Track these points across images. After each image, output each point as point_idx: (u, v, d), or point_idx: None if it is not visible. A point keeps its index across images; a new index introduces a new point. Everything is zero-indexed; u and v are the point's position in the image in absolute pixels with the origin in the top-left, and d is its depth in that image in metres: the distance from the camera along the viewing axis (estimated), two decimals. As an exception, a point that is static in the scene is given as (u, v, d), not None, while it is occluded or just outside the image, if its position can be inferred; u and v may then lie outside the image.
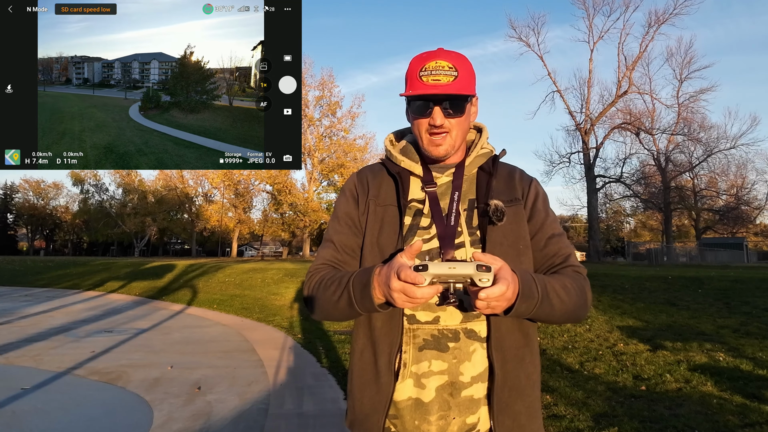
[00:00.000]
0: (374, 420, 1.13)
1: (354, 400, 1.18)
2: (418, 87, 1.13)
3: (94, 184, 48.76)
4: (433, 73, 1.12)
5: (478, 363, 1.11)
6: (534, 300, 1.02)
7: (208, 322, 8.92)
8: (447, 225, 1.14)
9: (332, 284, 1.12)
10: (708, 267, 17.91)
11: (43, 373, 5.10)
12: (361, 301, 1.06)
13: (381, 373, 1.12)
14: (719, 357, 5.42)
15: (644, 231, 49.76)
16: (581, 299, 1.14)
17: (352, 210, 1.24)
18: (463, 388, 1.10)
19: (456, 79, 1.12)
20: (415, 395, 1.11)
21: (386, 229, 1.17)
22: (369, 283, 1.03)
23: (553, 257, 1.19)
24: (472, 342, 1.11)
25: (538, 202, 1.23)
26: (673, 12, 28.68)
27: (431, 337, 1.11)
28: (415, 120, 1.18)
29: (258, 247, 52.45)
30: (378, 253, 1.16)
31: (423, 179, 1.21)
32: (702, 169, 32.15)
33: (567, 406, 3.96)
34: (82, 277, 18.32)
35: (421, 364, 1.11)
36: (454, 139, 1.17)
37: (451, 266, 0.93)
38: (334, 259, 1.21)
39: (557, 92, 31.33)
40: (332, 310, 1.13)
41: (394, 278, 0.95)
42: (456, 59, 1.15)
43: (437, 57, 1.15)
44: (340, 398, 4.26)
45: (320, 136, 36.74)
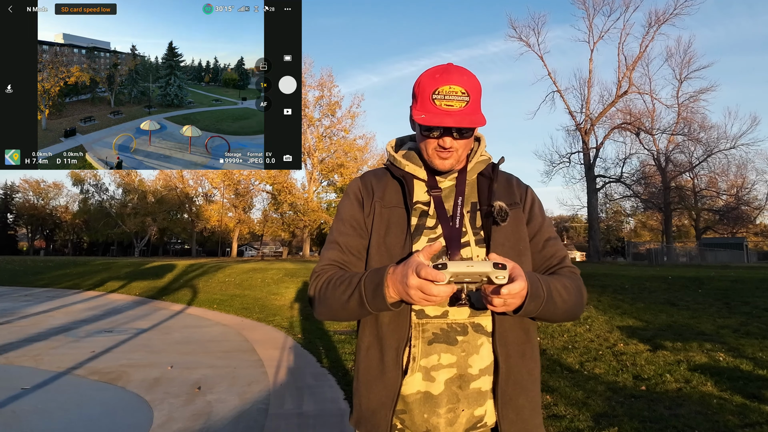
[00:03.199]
0: (382, 415, 1.14)
1: (360, 398, 1.20)
2: (430, 110, 1.16)
3: (94, 184, 48.79)
4: (446, 98, 1.15)
5: (485, 356, 1.15)
6: (541, 299, 1.08)
7: (208, 322, 8.92)
8: (452, 226, 1.18)
9: (341, 284, 1.14)
10: (708, 267, 17.90)
11: (43, 373, 5.10)
12: (372, 301, 1.08)
13: (388, 369, 1.14)
14: (719, 357, 5.42)
15: (644, 231, 49.74)
16: (579, 298, 1.21)
17: (356, 212, 1.26)
18: (471, 381, 1.13)
19: (467, 104, 1.15)
20: (424, 389, 1.14)
21: (393, 230, 1.20)
22: (382, 282, 1.06)
23: (551, 258, 1.26)
24: (479, 336, 1.15)
25: (534, 207, 1.30)
26: (673, 12, 28.66)
27: (440, 331, 1.14)
28: (424, 139, 1.22)
29: (258, 247, 52.44)
30: (386, 252, 1.19)
31: (428, 183, 1.26)
32: (702, 169, 32.13)
33: (567, 406, 3.96)
34: (83, 277, 18.32)
35: (430, 357, 1.14)
36: (460, 155, 1.22)
37: (469, 264, 0.97)
38: (339, 260, 1.23)
39: (557, 92, 31.31)
40: (340, 309, 1.15)
41: (413, 275, 0.98)
42: (467, 83, 1.17)
43: (450, 80, 1.16)
44: (340, 398, 4.26)
45: (320, 136, 36.71)
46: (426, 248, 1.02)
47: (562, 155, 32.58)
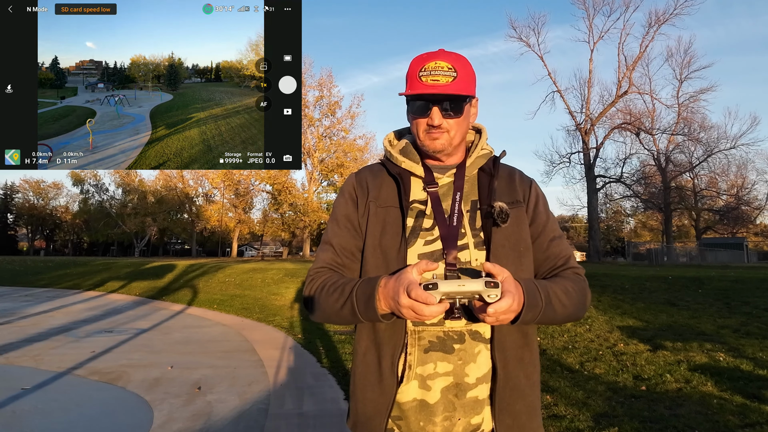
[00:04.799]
0: (377, 422, 1.13)
1: (356, 402, 1.18)
2: (417, 87, 1.14)
3: (94, 184, 48.80)
4: (432, 73, 1.13)
5: (482, 364, 1.12)
6: (538, 308, 1.06)
7: (208, 322, 8.92)
8: (450, 225, 1.14)
9: (335, 291, 1.12)
10: (708, 267, 17.89)
11: (43, 373, 5.10)
12: (365, 312, 1.06)
13: (384, 375, 1.12)
14: (719, 357, 5.42)
15: (644, 231, 49.73)
16: (581, 301, 1.18)
17: (351, 212, 1.23)
18: (468, 390, 1.11)
19: (455, 79, 1.13)
20: (420, 396, 1.12)
21: (388, 231, 1.16)
22: (373, 294, 1.04)
23: (555, 259, 1.22)
24: (477, 343, 1.12)
25: (539, 205, 1.25)
26: (673, 12, 28.66)
27: (437, 339, 1.12)
28: (414, 120, 1.18)
29: (258, 247, 52.46)
30: (381, 255, 1.16)
31: (424, 180, 1.21)
32: (702, 169, 32.12)
33: (567, 406, 3.96)
34: (83, 277, 18.32)
35: (426, 365, 1.11)
36: (452, 137, 1.17)
37: (461, 284, 0.95)
38: (333, 263, 1.21)
39: (557, 92, 31.31)
40: (334, 316, 1.14)
41: (404, 295, 0.96)
42: (456, 60, 1.15)
43: (437, 58, 1.15)
44: (340, 398, 4.26)
45: (320, 136, 36.72)
46: (419, 264, 1.00)
47: (562, 155, 32.61)
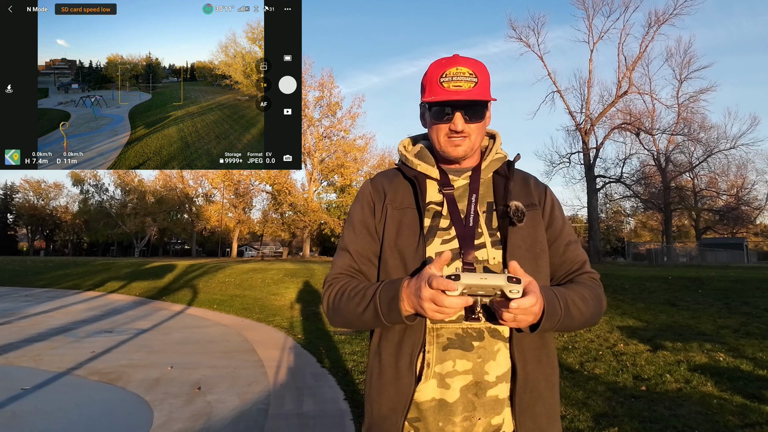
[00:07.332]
0: (392, 421, 1.11)
1: (372, 403, 1.16)
2: (438, 93, 1.14)
3: (94, 184, 48.78)
4: (454, 79, 1.13)
5: (502, 362, 1.12)
6: (558, 317, 1.06)
7: (208, 322, 8.92)
8: (466, 226, 1.15)
9: (356, 296, 1.12)
10: (708, 267, 17.89)
11: (43, 373, 5.10)
12: (388, 314, 1.06)
13: (401, 374, 1.11)
14: (719, 357, 5.42)
15: (644, 231, 49.73)
16: (597, 308, 1.18)
17: (367, 218, 1.23)
18: (488, 388, 1.10)
19: (476, 85, 1.14)
20: (438, 396, 1.10)
21: (405, 231, 1.17)
22: (397, 295, 1.04)
23: (572, 263, 1.23)
24: (496, 341, 1.12)
25: (555, 210, 1.26)
26: (673, 12, 28.64)
27: (455, 336, 1.11)
28: (435, 125, 1.19)
29: (258, 247, 52.44)
30: (398, 255, 1.16)
31: (440, 182, 1.22)
32: (702, 170, 32.15)
33: (567, 406, 3.96)
34: (83, 277, 18.31)
35: (445, 363, 1.10)
36: (473, 142, 1.19)
37: (483, 277, 0.94)
38: (350, 269, 1.21)
39: (557, 92, 31.29)
40: (356, 321, 1.13)
41: (425, 287, 0.96)
42: (475, 65, 1.16)
43: (457, 63, 1.16)
44: (340, 398, 4.26)
45: (320, 137, 36.73)
46: (436, 260, 1.00)
47: (562, 155, 32.63)
